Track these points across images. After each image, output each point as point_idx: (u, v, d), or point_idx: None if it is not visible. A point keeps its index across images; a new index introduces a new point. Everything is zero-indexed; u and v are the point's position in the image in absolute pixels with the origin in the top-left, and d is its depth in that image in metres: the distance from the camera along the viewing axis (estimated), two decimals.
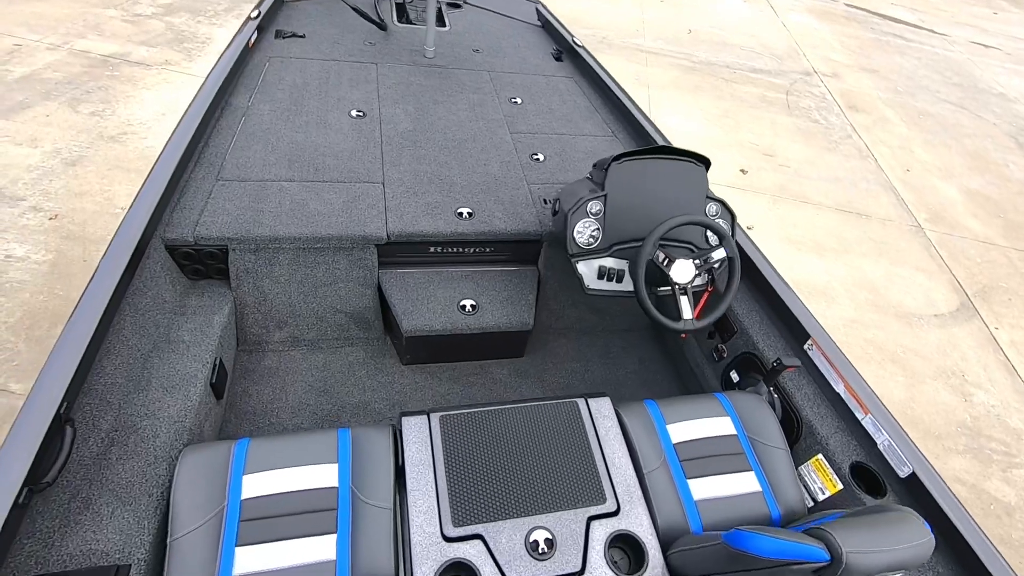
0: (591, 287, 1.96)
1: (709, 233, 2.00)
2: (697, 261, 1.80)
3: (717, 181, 4.98)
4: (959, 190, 5.57)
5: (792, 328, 1.99)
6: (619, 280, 1.97)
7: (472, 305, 2.16)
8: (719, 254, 1.81)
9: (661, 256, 1.77)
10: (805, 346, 1.93)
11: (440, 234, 2.15)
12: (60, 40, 5.16)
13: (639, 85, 6.20)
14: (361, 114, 2.63)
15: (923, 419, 3.39)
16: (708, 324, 1.81)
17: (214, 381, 1.77)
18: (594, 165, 2.05)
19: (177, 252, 1.94)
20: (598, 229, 1.92)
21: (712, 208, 2.02)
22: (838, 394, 1.82)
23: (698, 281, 1.85)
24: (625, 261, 1.97)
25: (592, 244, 1.92)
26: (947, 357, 3.79)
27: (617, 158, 1.88)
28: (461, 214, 2.23)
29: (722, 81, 6.71)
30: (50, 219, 3.50)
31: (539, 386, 2.27)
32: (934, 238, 4.86)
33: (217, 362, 1.82)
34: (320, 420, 2.00)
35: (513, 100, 2.99)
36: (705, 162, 1.97)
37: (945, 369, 3.70)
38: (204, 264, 2.01)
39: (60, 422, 1.29)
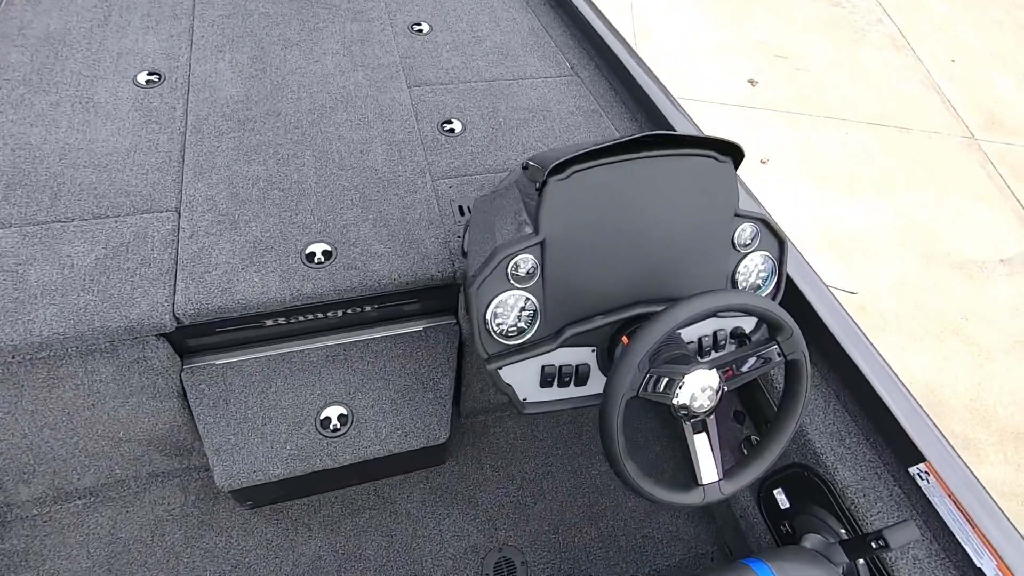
0: (531, 401, 1.09)
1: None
2: (727, 369, 0.92)
3: (720, 100, 3.92)
4: (1018, 82, 4.49)
5: (888, 435, 1.15)
6: (582, 381, 1.10)
7: (342, 416, 1.30)
8: (771, 354, 0.92)
9: (653, 379, 0.88)
10: (913, 471, 1.10)
11: (273, 300, 1.25)
12: None
13: None
14: (156, 78, 1.61)
15: (998, 413, 2.64)
16: (749, 484, 0.96)
17: None
18: (524, 167, 1.11)
19: None
20: (531, 301, 1.01)
21: (745, 232, 1.10)
22: (980, 570, 1.01)
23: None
24: (590, 348, 1.08)
25: (524, 333, 1.03)
26: (1022, 318, 2.98)
27: (560, 167, 0.94)
28: (312, 256, 1.31)
29: None
30: None
31: (472, 517, 1.45)
32: (991, 151, 3.88)
33: None
34: None
35: (416, 27, 1.93)
36: (734, 154, 1.03)
37: (1022, 338, 2.90)
38: None
39: None
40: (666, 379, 0.88)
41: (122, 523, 1.34)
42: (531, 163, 1.07)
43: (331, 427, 1.28)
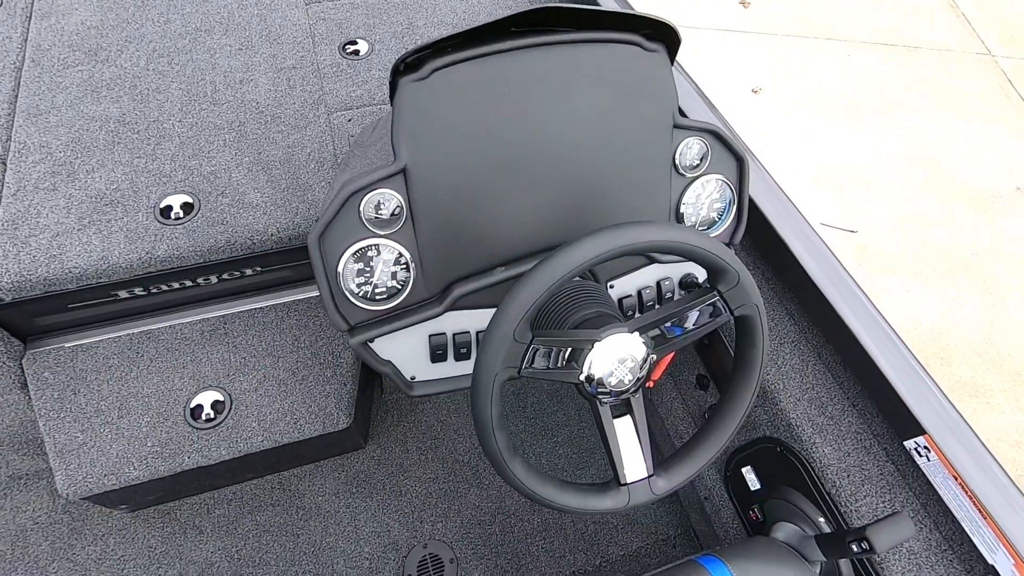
0: (421, 380, 0.86)
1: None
2: (655, 332, 0.67)
3: (707, 24, 3.54)
4: None
5: (880, 402, 0.91)
6: None
7: (217, 403, 1.08)
8: (707, 312, 0.67)
9: (552, 350, 0.63)
10: (910, 445, 0.87)
11: (116, 267, 1.01)
12: None
13: None
14: None
15: (1011, 356, 2.40)
16: (691, 479, 0.73)
17: None
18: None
19: None
20: (403, 257, 0.77)
21: (691, 150, 0.84)
22: (992, 567, 0.80)
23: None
24: (492, 311, 0.84)
25: (398, 295, 0.79)
26: None
27: (413, 62, 0.67)
28: (168, 211, 1.07)
29: None
30: None
31: (394, 508, 1.25)
32: (1010, 69, 3.51)
33: None
34: None
35: None
36: (666, 38, 0.76)
37: None
38: None
39: None
40: (569, 348, 0.64)
41: None
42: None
43: (203, 416, 1.06)
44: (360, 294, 0.77)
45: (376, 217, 0.74)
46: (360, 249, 0.74)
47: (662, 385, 1.29)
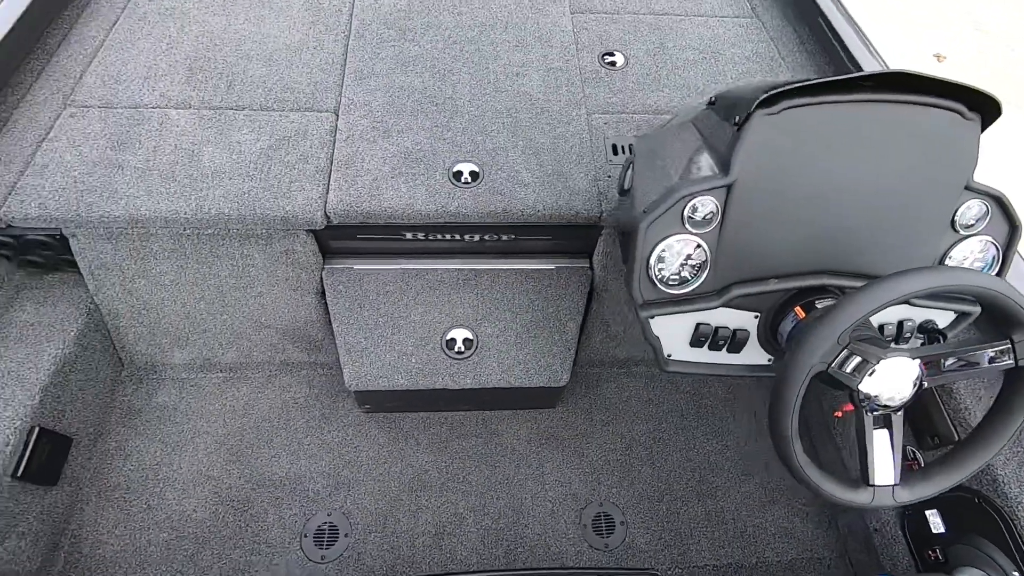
0: (676, 359, 1.01)
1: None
2: (927, 363, 0.78)
3: None
4: None
5: None
6: (736, 348, 1.00)
7: (467, 340, 1.29)
8: (993, 356, 0.77)
9: (843, 356, 0.75)
10: None
11: (418, 213, 1.24)
12: None
13: None
14: None
15: None
16: (930, 496, 0.83)
17: (21, 471, 1.10)
18: (711, 102, 0.99)
19: None
20: (701, 250, 0.91)
21: (971, 211, 0.92)
22: None
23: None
24: (753, 314, 0.97)
25: (688, 283, 0.93)
26: None
27: (771, 99, 0.81)
28: (459, 175, 1.28)
29: None
30: None
31: (575, 466, 1.41)
32: None
33: (33, 436, 1.13)
34: (219, 506, 1.31)
35: None
36: (983, 108, 0.85)
37: None
38: (37, 254, 1.26)
39: None
40: (858, 359, 0.76)
41: (254, 402, 1.44)
42: (723, 97, 0.95)
43: (456, 349, 1.27)
44: (658, 278, 0.93)
45: (691, 217, 0.89)
46: (672, 242, 0.90)
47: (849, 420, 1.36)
